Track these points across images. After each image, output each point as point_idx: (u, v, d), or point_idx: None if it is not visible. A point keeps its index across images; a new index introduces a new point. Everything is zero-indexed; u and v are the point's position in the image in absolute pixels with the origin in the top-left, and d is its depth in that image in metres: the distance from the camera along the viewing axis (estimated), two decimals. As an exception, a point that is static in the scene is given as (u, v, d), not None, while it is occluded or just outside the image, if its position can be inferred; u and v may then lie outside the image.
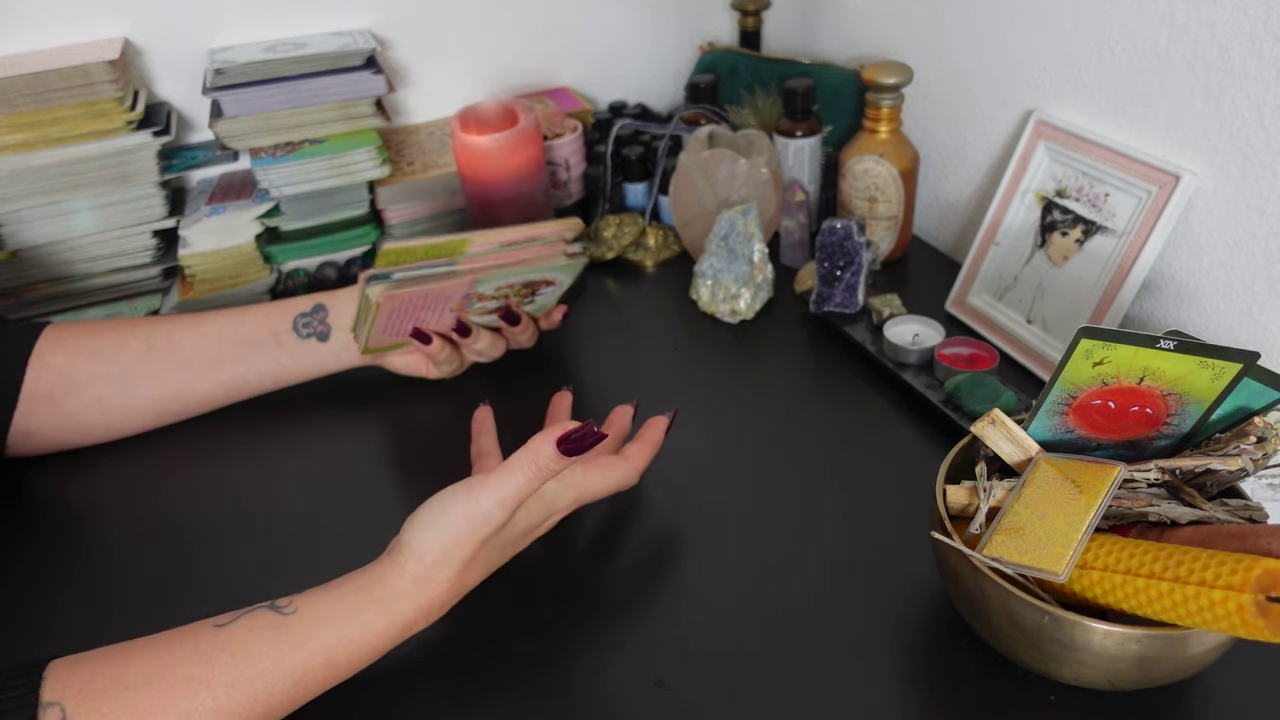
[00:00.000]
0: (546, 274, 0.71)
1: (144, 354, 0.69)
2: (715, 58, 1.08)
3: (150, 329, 0.70)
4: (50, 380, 0.67)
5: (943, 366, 0.72)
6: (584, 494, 0.58)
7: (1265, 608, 0.40)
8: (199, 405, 0.72)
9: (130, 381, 0.69)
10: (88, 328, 0.70)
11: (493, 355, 0.76)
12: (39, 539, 0.64)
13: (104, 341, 0.69)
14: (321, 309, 0.72)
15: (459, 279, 0.67)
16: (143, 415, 0.71)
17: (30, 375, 0.66)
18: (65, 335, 0.68)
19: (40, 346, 0.67)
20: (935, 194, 0.96)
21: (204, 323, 0.71)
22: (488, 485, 0.51)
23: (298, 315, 0.72)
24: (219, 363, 0.71)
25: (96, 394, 0.68)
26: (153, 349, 0.69)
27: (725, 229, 0.84)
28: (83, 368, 0.67)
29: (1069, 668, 0.47)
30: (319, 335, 0.72)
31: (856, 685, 0.52)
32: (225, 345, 0.71)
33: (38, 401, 0.67)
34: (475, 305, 0.71)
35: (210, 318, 0.72)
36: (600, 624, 0.56)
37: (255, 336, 0.71)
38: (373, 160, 0.90)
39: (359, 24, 1.00)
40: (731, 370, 0.79)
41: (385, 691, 0.53)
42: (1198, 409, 0.50)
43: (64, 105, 0.82)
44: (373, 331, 0.68)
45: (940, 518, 0.51)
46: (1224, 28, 0.62)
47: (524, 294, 0.72)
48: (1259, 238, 0.64)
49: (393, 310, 0.66)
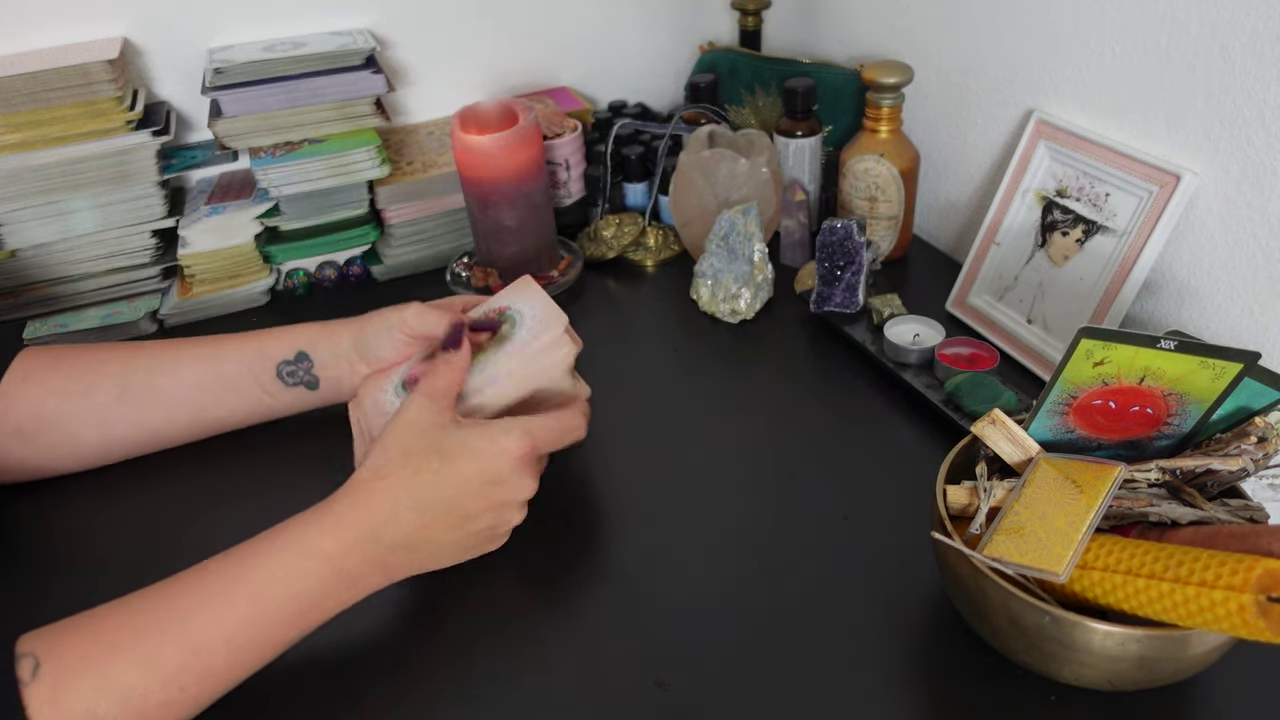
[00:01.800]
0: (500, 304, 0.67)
1: (118, 398, 0.66)
2: (715, 57, 1.08)
3: (124, 367, 0.67)
4: (19, 418, 0.64)
5: (943, 366, 0.72)
6: (530, 426, 0.56)
7: (1266, 608, 0.40)
8: (175, 442, 0.70)
9: (104, 424, 0.67)
10: (58, 362, 0.66)
11: None
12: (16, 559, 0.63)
13: (74, 382, 0.66)
14: (305, 358, 0.68)
15: None
16: (116, 453, 0.69)
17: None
18: (37, 369, 0.66)
19: (7, 382, 0.65)
20: (935, 194, 0.96)
21: (182, 362, 0.68)
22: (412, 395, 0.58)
23: (280, 364, 0.68)
24: (199, 409, 0.69)
25: (69, 432, 0.66)
26: (127, 393, 0.66)
27: (725, 229, 0.84)
28: (53, 407, 0.65)
29: (1069, 668, 0.47)
30: (307, 385, 0.69)
31: (856, 685, 0.51)
32: (206, 393, 0.68)
33: (8, 437, 0.65)
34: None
35: (184, 357, 0.68)
36: (600, 624, 0.56)
37: (237, 383, 0.68)
38: (372, 160, 0.90)
39: (358, 24, 1.00)
40: (731, 370, 0.79)
41: (384, 691, 0.52)
42: (1198, 409, 0.50)
43: (63, 105, 0.82)
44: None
45: (940, 518, 0.51)
46: (1224, 28, 0.62)
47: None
48: (1260, 238, 0.64)
49: None
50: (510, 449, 0.55)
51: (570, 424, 0.60)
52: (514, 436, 0.56)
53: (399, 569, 0.55)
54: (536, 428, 0.57)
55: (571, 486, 0.65)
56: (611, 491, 0.66)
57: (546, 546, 0.61)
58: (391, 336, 0.66)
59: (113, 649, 0.45)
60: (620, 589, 0.58)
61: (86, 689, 0.44)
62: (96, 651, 0.45)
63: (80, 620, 0.47)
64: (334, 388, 0.69)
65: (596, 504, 0.65)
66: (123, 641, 0.46)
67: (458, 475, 0.54)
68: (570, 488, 0.65)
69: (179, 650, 0.46)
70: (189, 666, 0.47)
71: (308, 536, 0.51)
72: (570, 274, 0.91)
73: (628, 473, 0.68)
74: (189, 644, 0.47)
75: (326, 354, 0.68)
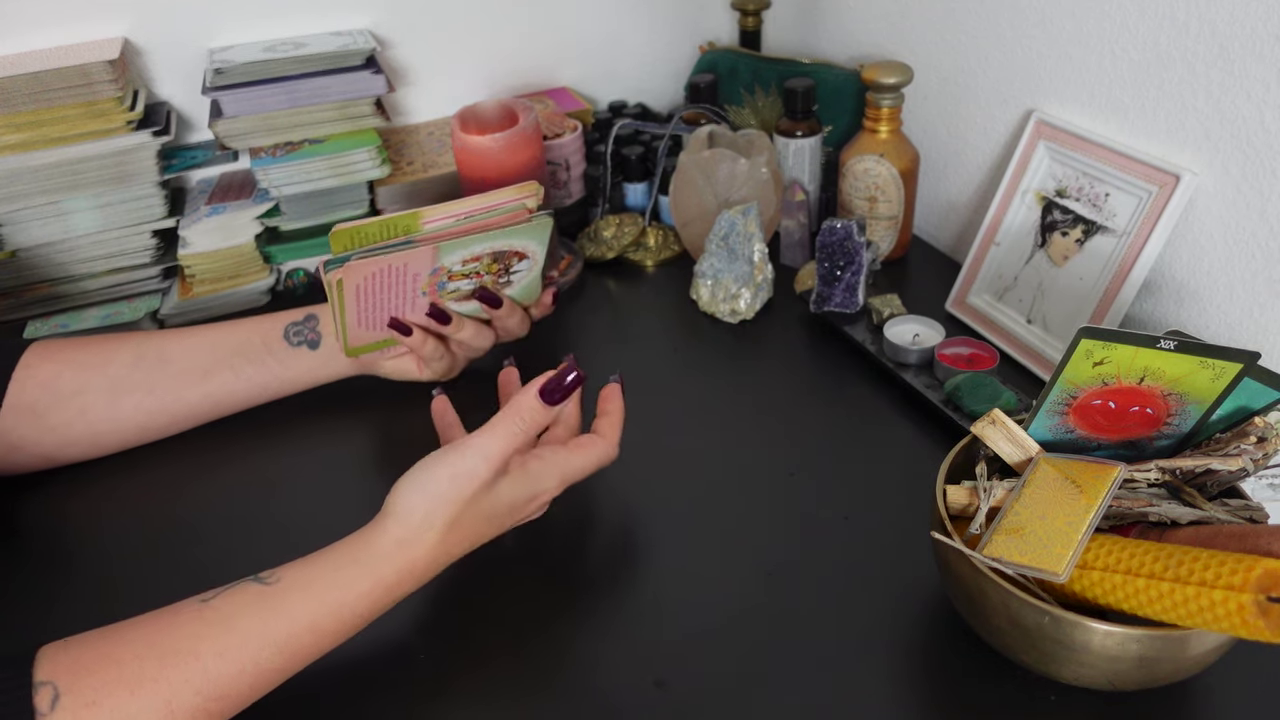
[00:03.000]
0: (514, 243, 0.68)
1: (132, 365, 0.68)
2: (715, 57, 1.08)
3: (140, 342, 0.69)
4: (35, 392, 0.65)
5: (943, 366, 0.72)
6: (568, 472, 0.57)
7: (1266, 608, 0.40)
8: (186, 418, 0.71)
9: (117, 393, 0.68)
10: (76, 341, 0.69)
11: (480, 345, 0.74)
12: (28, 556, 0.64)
13: (92, 354, 0.68)
14: (313, 318, 0.72)
15: (419, 250, 0.65)
16: (127, 428, 0.69)
17: (14, 387, 0.65)
18: (52, 349, 0.67)
19: (26, 359, 0.66)
20: (935, 194, 0.96)
21: (195, 334, 0.71)
22: (472, 443, 0.53)
23: (289, 324, 0.71)
24: (208, 373, 0.70)
25: (82, 405, 0.67)
26: (142, 358, 0.68)
27: (725, 229, 0.84)
28: (69, 379, 0.66)
29: (1069, 668, 0.47)
30: (310, 343, 0.71)
31: (857, 685, 0.52)
32: (216, 354, 0.70)
33: (21, 414, 0.65)
34: (448, 287, 0.69)
35: (202, 330, 0.71)
36: (600, 624, 0.56)
37: (246, 346, 0.70)
38: (372, 160, 0.90)
39: (359, 24, 1.00)
40: (731, 370, 0.79)
41: (385, 690, 0.52)
42: (1198, 409, 0.50)
43: (63, 105, 0.82)
44: (347, 325, 0.67)
45: (940, 518, 0.51)
46: (1224, 28, 0.62)
47: (497, 271, 0.70)
48: (1259, 238, 0.64)
49: (359, 294, 0.64)
50: (547, 494, 0.57)
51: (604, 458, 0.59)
52: (551, 483, 0.56)
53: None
54: (573, 472, 0.58)
55: (571, 486, 0.65)
56: (611, 492, 0.66)
57: (546, 546, 0.61)
58: None
59: (134, 692, 0.44)
60: (620, 589, 0.59)
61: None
62: (119, 691, 0.44)
63: (100, 650, 0.45)
64: (334, 345, 0.71)
65: (596, 504, 0.65)
66: (145, 686, 0.44)
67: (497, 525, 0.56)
68: (570, 487, 0.65)
69: (203, 699, 0.45)
70: (210, 712, 0.46)
71: (345, 600, 0.50)
72: (570, 274, 0.91)
73: (627, 473, 0.68)
74: (213, 693, 0.46)
75: None
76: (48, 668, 0.44)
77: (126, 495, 0.68)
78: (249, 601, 0.48)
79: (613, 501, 0.65)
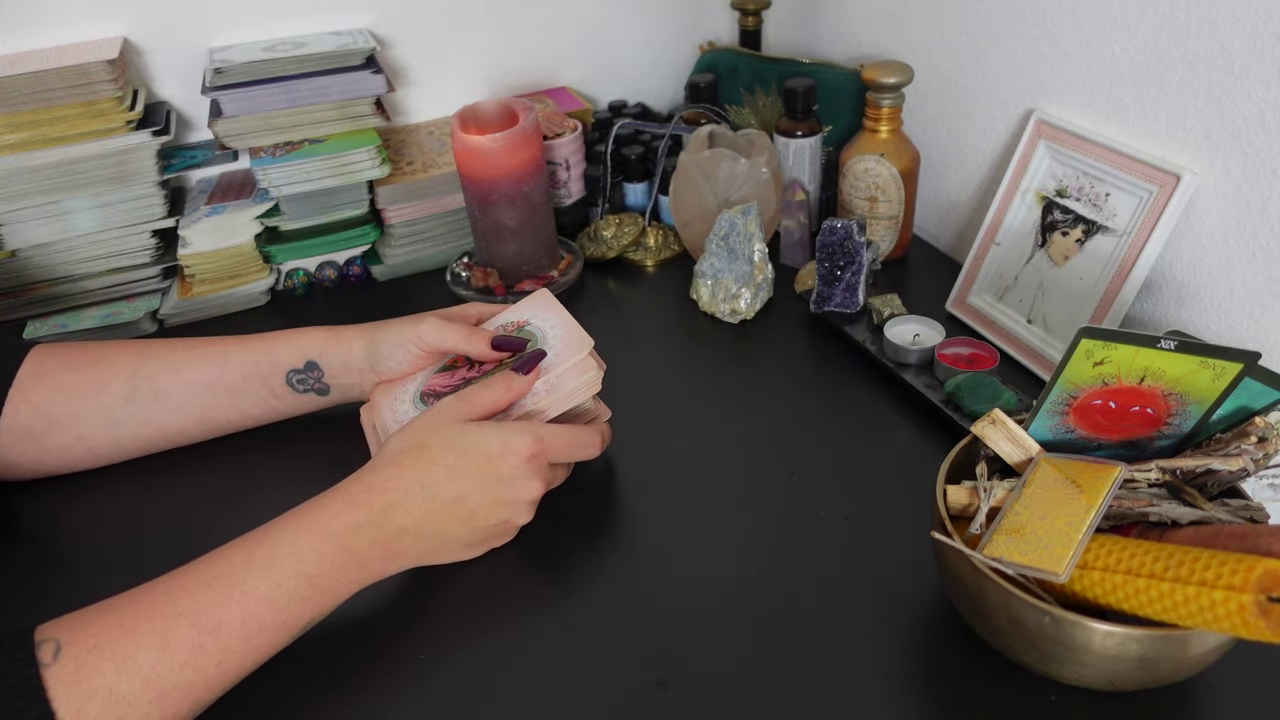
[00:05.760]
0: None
1: (128, 397, 0.66)
2: (715, 57, 1.08)
3: (133, 368, 0.67)
4: (29, 415, 0.65)
5: (943, 366, 0.72)
6: (544, 434, 0.58)
7: (1266, 608, 0.40)
8: (186, 442, 0.70)
9: (115, 424, 0.67)
10: (69, 359, 0.66)
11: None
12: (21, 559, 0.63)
13: (84, 379, 0.66)
14: (315, 367, 0.68)
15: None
16: (128, 450, 0.69)
17: (9, 408, 0.64)
18: (47, 367, 0.66)
19: (20, 378, 0.65)
20: (935, 194, 0.96)
21: (188, 366, 0.67)
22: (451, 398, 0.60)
23: (290, 372, 0.68)
24: (207, 410, 0.68)
25: (79, 432, 0.66)
26: (136, 391, 0.66)
27: (725, 229, 0.84)
28: (62, 405, 0.65)
29: (1070, 668, 0.47)
30: (318, 391, 0.69)
31: (856, 685, 0.51)
32: (215, 395, 0.68)
33: (16, 435, 0.65)
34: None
35: (193, 359, 0.67)
36: (600, 624, 0.56)
37: (245, 387, 0.68)
38: (372, 160, 0.90)
39: (359, 24, 1.00)
40: (731, 370, 0.79)
41: (385, 690, 0.52)
42: (1198, 409, 0.50)
43: (63, 105, 0.82)
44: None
45: (940, 518, 0.51)
46: (1224, 27, 0.62)
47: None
48: (1260, 237, 0.64)
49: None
50: (520, 449, 0.57)
51: (584, 439, 0.61)
52: (525, 438, 0.57)
53: (405, 555, 0.56)
54: (548, 433, 0.59)
55: (571, 486, 0.65)
56: (611, 491, 0.66)
57: (547, 546, 0.61)
58: (405, 350, 0.66)
59: (132, 631, 0.47)
60: (620, 589, 0.58)
61: (107, 670, 0.45)
62: (117, 633, 0.46)
63: (99, 607, 0.48)
64: (344, 394, 0.70)
65: (596, 504, 0.65)
66: (141, 624, 0.47)
67: (468, 470, 0.56)
68: (570, 488, 0.65)
69: (196, 631, 0.48)
70: (206, 647, 0.48)
71: (319, 518, 0.53)
72: (570, 274, 0.91)
73: (627, 473, 0.68)
74: (206, 624, 0.48)
75: (337, 363, 0.68)
76: (49, 629, 0.46)
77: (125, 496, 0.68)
78: (235, 541, 0.52)
79: (612, 501, 0.65)
